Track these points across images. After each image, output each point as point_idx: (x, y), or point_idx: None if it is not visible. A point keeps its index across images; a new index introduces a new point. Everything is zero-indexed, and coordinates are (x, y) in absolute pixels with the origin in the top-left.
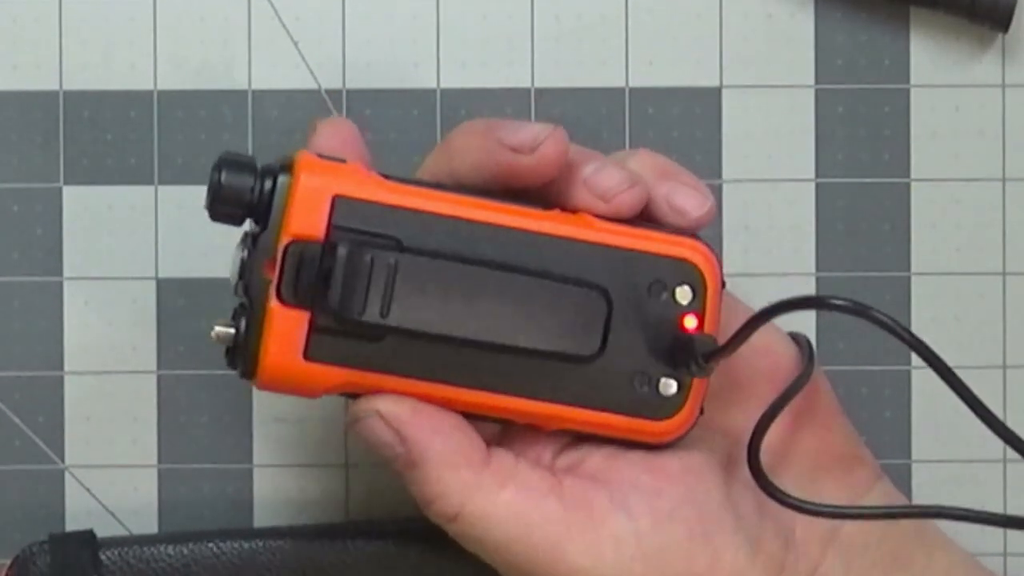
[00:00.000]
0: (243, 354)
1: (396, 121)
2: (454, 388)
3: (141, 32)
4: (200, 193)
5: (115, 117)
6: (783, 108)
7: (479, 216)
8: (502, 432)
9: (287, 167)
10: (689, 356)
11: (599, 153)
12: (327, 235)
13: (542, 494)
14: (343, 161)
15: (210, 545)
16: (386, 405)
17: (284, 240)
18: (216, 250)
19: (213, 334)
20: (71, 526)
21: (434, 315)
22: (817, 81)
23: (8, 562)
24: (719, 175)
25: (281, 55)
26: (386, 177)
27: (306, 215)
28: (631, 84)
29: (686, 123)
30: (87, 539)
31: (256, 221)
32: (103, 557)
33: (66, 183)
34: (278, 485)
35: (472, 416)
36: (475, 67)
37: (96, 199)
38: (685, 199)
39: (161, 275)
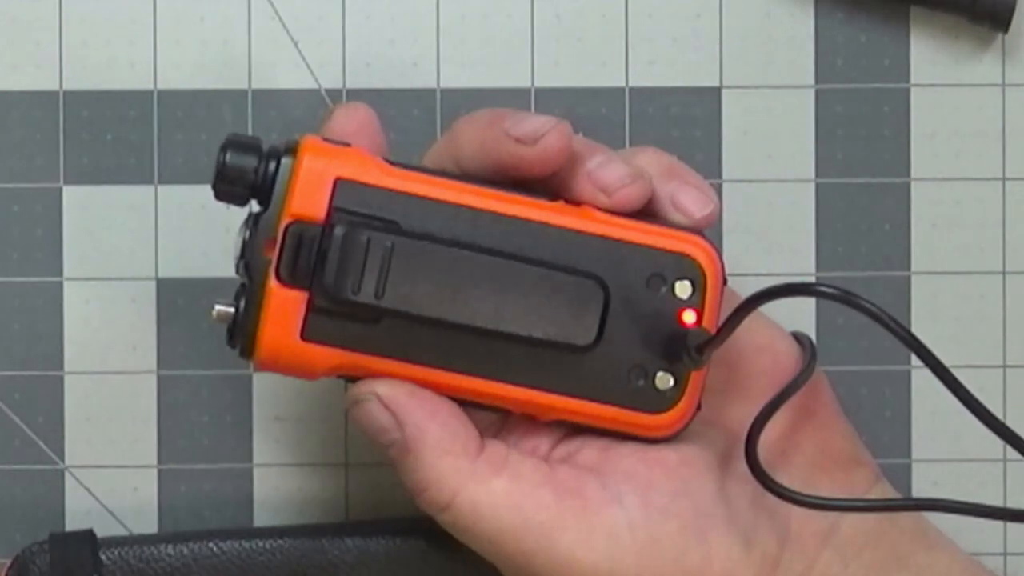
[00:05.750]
0: (242, 333)
1: (396, 121)
2: (450, 374)
3: (141, 32)
4: (200, 193)
5: (115, 117)
6: (783, 108)
7: (479, 203)
8: (500, 423)
9: (291, 149)
10: (683, 348)
11: (605, 147)
12: (328, 217)
13: (535, 483)
14: (348, 145)
15: (210, 545)
16: (384, 388)
17: (285, 220)
18: (216, 250)
19: (214, 312)
20: (71, 526)
21: (430, 299)
22: (817, 81)
23: (8, 562)
24: (719, 175)
25: (281, 55)
26: (390, 163)
27: (307, 196)
28: (631, 84)
29: (686, 123)
30: (87, 539)
31: (259, 202)
32: (103, 557)
33: (66, 183)
34: (278, 485)
35: (468, 404)
36: (475, 67)
37: (96, 199)
38: (689, 199)
39: (161, 275)
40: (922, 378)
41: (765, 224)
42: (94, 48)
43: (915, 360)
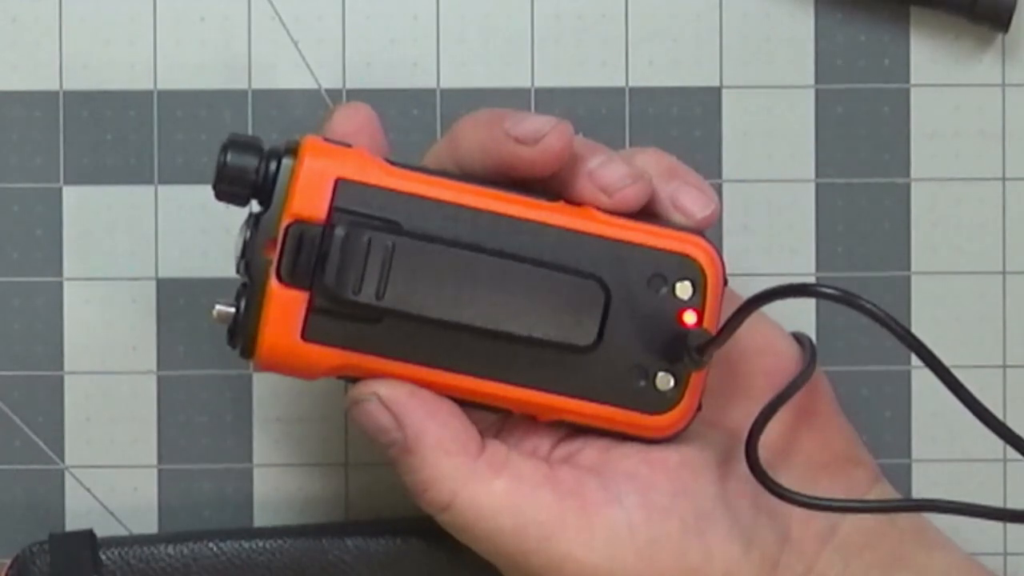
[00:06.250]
0: (242, 333)
1: (396, 121)
2: (450, 374)
3: (141, 32)
4: (200, 193)
5: (115, 117)
6: (783, 108)
7: (480, 204)
8: (500, 423)
9: (292, 149)
10: (684, 349)
11: (606, 147)
12: (328, 217)
13: (535, 484)
14: (349, 146)
15: (210, 545)
16: (385, 389)
17: (285, 220)
18: (216, 250)
19: (215, 312)
20: (71, 526)
21: (430, 299)
22: (817, 81)
23: (8, 562)
24: (719, 175)
25: (281, 55)
26: (391, 163)
27: (308, 196)
28: (631, 84)
29: (686, 123)
30: (87, 539)
31: (260, 202)
32: (103, 557)
33: (66, 183)
34: (278, 485)
35: (468, 404)
36: (475, 67)
37: (96, 199)
38: (690, 199)
39: (161, 275)
40: (922, 378)
41: (765, 224)
42: (94, 48)
43: (915, 360)
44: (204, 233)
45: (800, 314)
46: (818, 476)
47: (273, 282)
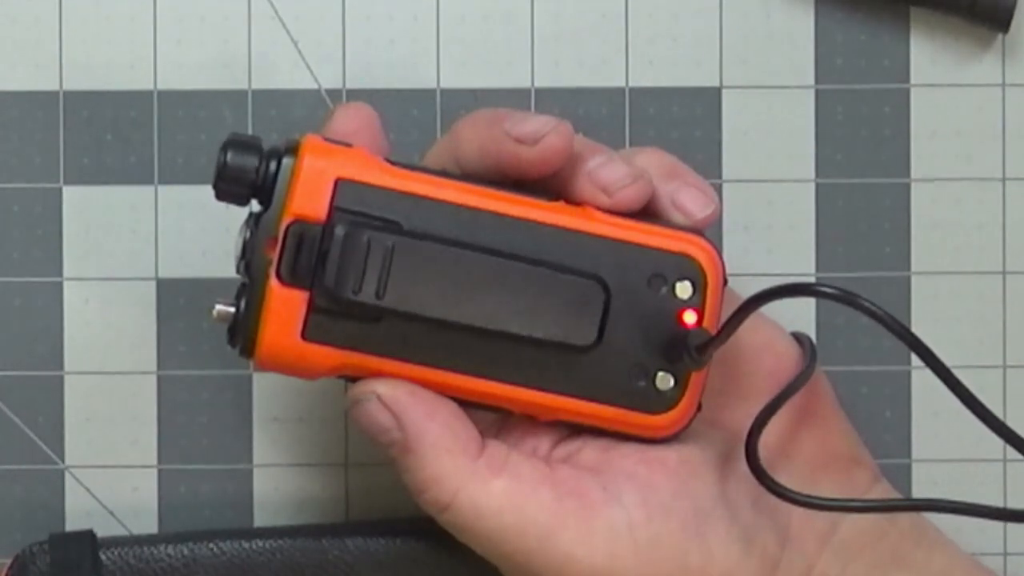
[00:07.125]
0: (242, 332)
1: (396, 121)
2: (450, 374)
3: (141, 32)
4: (200, 193)
5: (115, 117)
6: (783, 108)
7: (480, 204)
8: (500, 423)
9: (292, 149)
10: (684, 349)
11: (606, 147)
12: (329, 217)
13: (535, 483)
14: (349, 145)
15: (210, 545)
16: (385, 388)
17: (286, 220)
18: (216, 250)
19: (214, 312)
20: (71, 526)
21: (430, 299)
22: (817, 81)
23: (8, 562)
24: (719, 175)
25: (281, 55)
26: (391, 163)
27: (308, 196)
28: (631, 84)
29: (686, 123)
30: (87, 539)
31: (260, 201)
32: (103, 557)
33: (66, 183)
34: (278, 485)
35: (469, 404)
36: (475, 67)
37: (96, 199)
38: (689, 199)
39: (161, 275)
40: (922, 378)
41: (765, 224)
42: (94, 48)
43: (915, 360)
44: (204, 233)
45: (800, 314)
46: (818, 476)
47: (273, 281)
